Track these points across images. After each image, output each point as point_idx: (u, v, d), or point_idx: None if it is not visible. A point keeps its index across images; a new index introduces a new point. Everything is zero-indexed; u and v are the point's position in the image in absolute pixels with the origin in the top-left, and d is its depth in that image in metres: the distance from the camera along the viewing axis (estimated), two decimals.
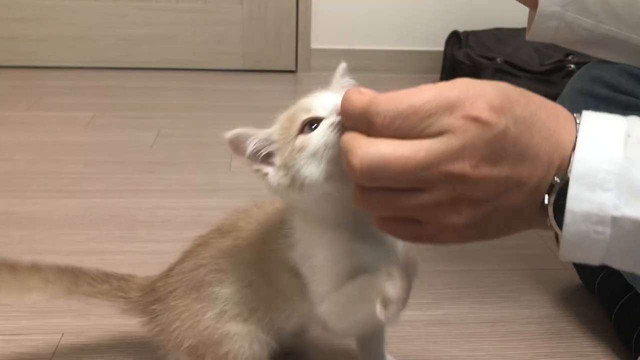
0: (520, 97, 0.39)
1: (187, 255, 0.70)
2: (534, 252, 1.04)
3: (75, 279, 0.69)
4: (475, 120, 0.37)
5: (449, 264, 1.00)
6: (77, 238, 1.04)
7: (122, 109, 1.71)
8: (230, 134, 0.52)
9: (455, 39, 2.01)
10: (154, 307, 0.69)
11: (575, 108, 0.40)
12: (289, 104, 0.56)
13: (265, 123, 0.53)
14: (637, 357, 0.77)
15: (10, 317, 0.83)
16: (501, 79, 1.69)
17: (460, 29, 2.02)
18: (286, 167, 0.50)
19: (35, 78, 1.95)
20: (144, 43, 2.09)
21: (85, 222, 1.09)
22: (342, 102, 0.42)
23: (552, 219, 0.40)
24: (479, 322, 0.87)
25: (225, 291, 0.65)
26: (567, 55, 1.69)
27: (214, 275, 0.66)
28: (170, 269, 0.71)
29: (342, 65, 0.58)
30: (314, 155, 0.48)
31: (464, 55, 1.87)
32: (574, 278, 0.96)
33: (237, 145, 0.52)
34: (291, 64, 2.17)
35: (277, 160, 0.52)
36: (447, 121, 0.37)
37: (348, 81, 0.57)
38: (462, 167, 0.38)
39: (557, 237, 0.41)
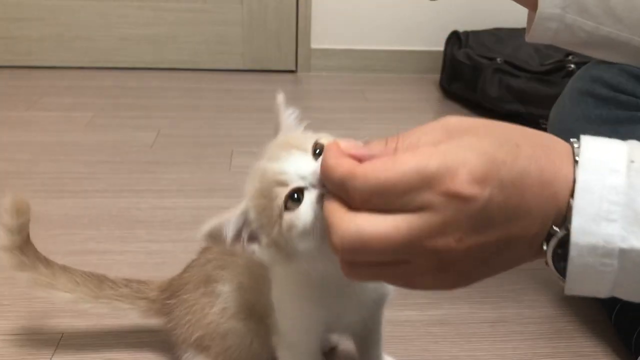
0: (507, 156, 0.36)
1: (202, 251, 0.72)
2: None
3: (100, 283, 0.73)
4: (456, 196, 0.35)
5: None
6: (77, 238, 1.04)
7: (122, 109, 1.70)
8: (204, 230, 0.50)
9: (455, 39, 2.00)
10: (169, 301, 0.72)
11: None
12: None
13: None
14: (637, 357, 0.77)
15: (10, 317, 0.83)
16: (501, 79, 1.69)
17: (460, 29, 2.02)
18: (277, 245, 0.49)
19: (35, 78, 1.95)
20: (144, 43, 2.09)
21: (85, 222, 1.09)
22: (320, 170, 0.40)
23: (551, 266, 0.39)
24: (479, 322, 0.87)
25: (225, 289, 0.67)
26: (567, 55, 1.68)
27: (217, 271, 0.68)
28: (187, 266, 0.73)
29: (280, 97, 0.56)
30: (305, 231, 0.46)
31: (464, 55, 1.87)
32: None
33: (215, 237, 0.50)
34: (291, 64, 2.17)
35: (263, 238, 0.50)
36: (426, 197, 0.35)
37: (293, 112, 0.56)
38: (445, 242, 0.36)
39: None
